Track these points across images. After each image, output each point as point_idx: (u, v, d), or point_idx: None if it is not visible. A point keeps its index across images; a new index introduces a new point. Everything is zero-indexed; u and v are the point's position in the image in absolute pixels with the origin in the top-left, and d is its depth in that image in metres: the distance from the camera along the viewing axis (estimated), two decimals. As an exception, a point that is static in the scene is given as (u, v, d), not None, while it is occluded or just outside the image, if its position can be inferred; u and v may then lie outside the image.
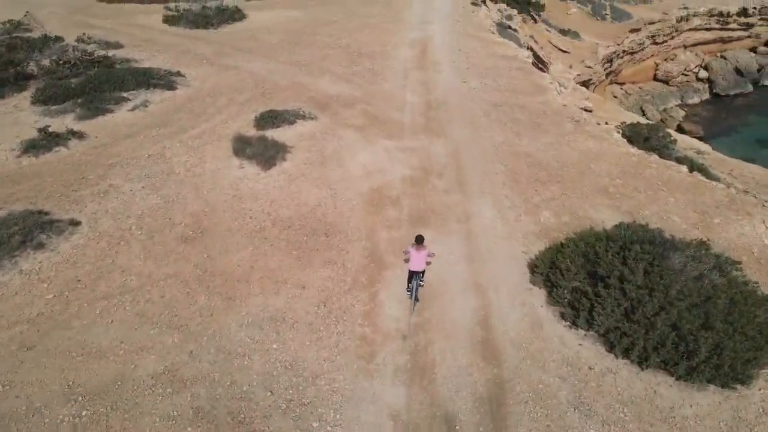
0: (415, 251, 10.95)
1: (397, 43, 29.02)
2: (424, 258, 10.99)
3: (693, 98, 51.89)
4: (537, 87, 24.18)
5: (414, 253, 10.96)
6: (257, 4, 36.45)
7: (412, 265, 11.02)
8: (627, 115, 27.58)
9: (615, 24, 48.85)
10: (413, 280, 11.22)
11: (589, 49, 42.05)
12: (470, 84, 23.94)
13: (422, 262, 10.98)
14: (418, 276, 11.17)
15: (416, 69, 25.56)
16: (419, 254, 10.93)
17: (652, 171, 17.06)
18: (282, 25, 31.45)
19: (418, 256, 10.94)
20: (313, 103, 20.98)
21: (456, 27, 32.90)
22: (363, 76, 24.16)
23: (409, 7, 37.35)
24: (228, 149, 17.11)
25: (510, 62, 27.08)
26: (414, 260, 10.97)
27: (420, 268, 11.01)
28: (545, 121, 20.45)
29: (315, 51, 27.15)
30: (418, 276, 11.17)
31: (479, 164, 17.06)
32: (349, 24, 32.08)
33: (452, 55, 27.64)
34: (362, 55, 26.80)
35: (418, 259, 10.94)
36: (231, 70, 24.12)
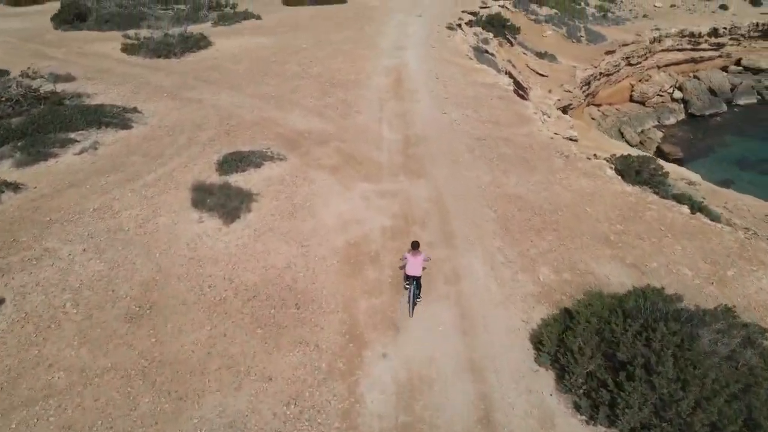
0: (412, 257, 11.55)
1: (372, 71, 27.59)
2: (420, 263, 11.57)
3: (669, 119, 51.69)
4: (521, 117, 22.89)
5: (411, 258, 11.54)
6: (224, 31, 34.78)
7: (410, 270, 11.55)
8: (613, 143, 26.58)
9: (590, 46, 48.43)
10: (411, 284, 11.69)
11: (567, 73, 41.31)
12: (451, 115, 22.53)
13: (419, 267, 11.55)
14: (415, 281, 11.64)
15: (392, 99, 24.09)
16: (416, 260, 11.51)
17: (652, 213, 15.70)
18: (250, 53, 29.78)
19: (414, 262, 11.50)
20: (282, 140, 19.26)
21: (432, 53, 31.67)
22: (336, 109, 22.56)
23: (383, 32, 36.10)
24: (186, 199, 15.23)
25: (490, 90, 25.83)
26: (411, 265, 11.52)
27: (417, 273, 11.55)
28: (533, 157, 19.06)
29: (284, 81, 25.50)
30: (415, 281, 11.64)
31: (466, 210, 15.49)
32: (320, 51, 30.58)
33: (430, 83, 26.29)
34: (335, 85, 25.25)
35: (415, 265, 11.51)
36: (193, 104, 22.28)
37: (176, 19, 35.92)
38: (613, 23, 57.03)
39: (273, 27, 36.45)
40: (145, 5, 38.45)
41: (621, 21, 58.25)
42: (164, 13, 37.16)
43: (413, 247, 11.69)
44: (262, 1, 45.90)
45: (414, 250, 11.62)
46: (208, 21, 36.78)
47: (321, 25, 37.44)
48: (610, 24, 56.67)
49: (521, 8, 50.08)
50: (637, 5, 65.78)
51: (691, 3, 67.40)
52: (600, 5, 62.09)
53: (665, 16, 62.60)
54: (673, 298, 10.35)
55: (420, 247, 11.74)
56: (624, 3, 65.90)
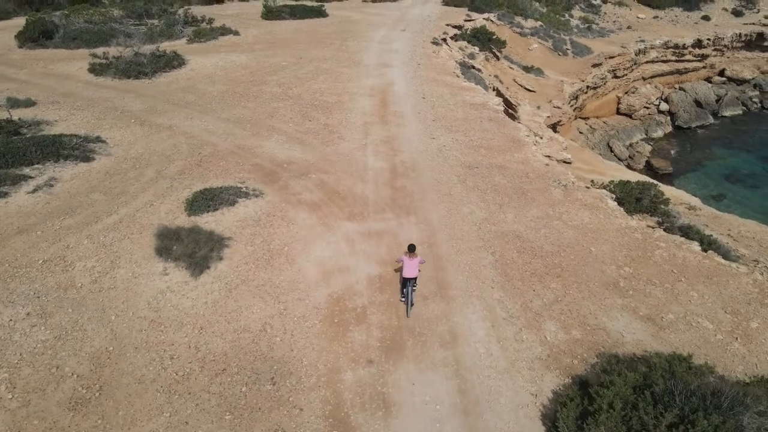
0: (408, 259, 11.92)
1: (355, 92, 26.22)
2: (416, 265, 11.97)
3: (657, 132, 51.08)
4: (513, 141, 21.66)
5: (407, 261, 11.90)
6: (200, 48, 33.20)
7: (406, 273, 11.90)
8: (607, 164, 25.53)
9: (577, 59, 47.69)
10: (407, 286, 12.00)
11: (555, 87, 40.38)
12: (440, 140, 21.22)
13: (415, 269, 11.93)
14: (412, 282, 12.03)
15: (378, 123, 22.72)
16: (412, 262, 11.91)
17: (662, 253, 14.46)
18: (226, 73, 28.24)
19: (410, 264, 11.89)
20: (259, 173, 17.76)
21: (418, 70, 30.44)
22: (317, 135, 21.12)
23: (366, 48, 34.82)
24: (150, 246, 13.63)
25: (480, 111, 24.59)
26: (407, 268, 11.88)
27: (413, 275, 11.93)
28: (530, 187, 17.78)
29: (262, 104, 24.01)
30: (412, 282, 12.03)
31: (461, 253, 14.10)
32: (300, 70, 29.15)
33: (416, 105, 24.99)
34: (316, 108, 23.82)
35: (411, 267, 11.88)
36: (163, 132, 20.67)
37: (149, 36, 34.27)
38: (598, 35, 56.48)
39: (251, 43, 34.97)
40: (116, 21, 36.73)
41: (605, 33, 57.72)
42: (137, 30, 35.47)
43: (410, 250, 12.14)
44: (241, 15, 44.47)
45: (410, 253, 12.05)
46: (183, 37, 35.17)
47: (302, 41, 36.06)
48: (595, 36, 56.09)
49: (506, 21, 49.25)
50: (620, 17, 65.49)
51: (673, 14, 67.35)
52: (584, 17, 61.61)
53: (649, 28, 62.31)
54: (704, 369, 9.03)
55: (416, 250, 12.26)
56: (607, 15, 65.58)
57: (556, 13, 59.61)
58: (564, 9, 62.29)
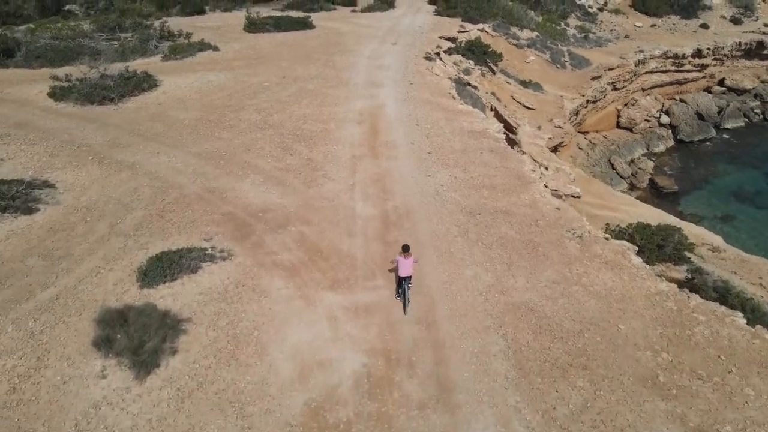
0: (403, 259, 12.34)
1: (343, 118, 23.87)
2: (411, 264, 12.35)
3: (659, 146, 49.10)
4: (518, 178, 19.40)
5: (402, 260, 12.33)
6: (175, 66, 30.70)
7: (401, 271, 12.33)
8: (618, 197, 23.40)
9: (576, 72, 45.59)
10: (403, 285, 12.39)
11: (555, 104, 38.23)
12: (436, 178, 18.93)
13: (410, 268, 12.31)
14: (407, 280, 12.35)
15: (367, 156, 20.40)
16: (407, 261, 12.31)
17: (703, 330, 12.21)
18: (201, 96, 25.78)
19: (406, 263, 12.29)
20: (229, 225, 15.37)
21: (411, 92, 28.13)
22: (299, 173, 18.75)
23: (355, 65, 32.47)
24: (88, 334, 11.21)
25: (480, 141, 22.33)
26: (402, 267, 12.29)
27: (408, 273, 12.30)
28: (541, 240, 15.51)
29: (239, 134, 21.59)
30: (407, 280, 12.35)
31: (466, 336, 11.78)
32: (283, 92, 26.76)
33: (410, 133, 22.68)
34: (298, 139, 21.45)
35: (406, 266, 12.28)
36: (124, 172, 18.22)
37: (120, 53, 31.76)
38: (596, 45, 54.46)
39: (231, 60, 32.50)
40: (86, 36, 34.11)
41: (603, 42, 55.73)
42: (108, 46, 32.93)
43: (404, 250, 12.58)
44: (222, 28, 41.97)
45: (405, 253, 12.47)
46: (158, 54, 32.66)
47: (286, 57, 33.65)
48: (592, 46, 54.07)
49: (501, 32, 47.10)
50: (617, 25, 63.59)
51: (671, 22, 65.55)
52: (581, 26, 59.66)
53: (647, 37, 60.46)
54: None
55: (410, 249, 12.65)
56: (604, 23, 63.66)
57: (551, 22, 57.59)
58: (560, 18, 60.30)
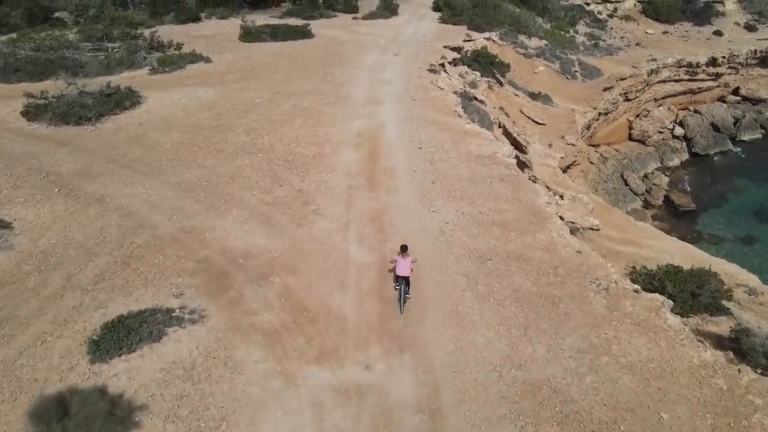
0: (401, 259, 12.57)
1: (339, 140, 21.92)
2: (408, 264, 12.54)
3: (673, 159, 46.99)
4: (533, 213, 17.39)
5: (400, 261, 12.57)
6: (163, 80, 28.83)
7: (399, 271, 12.53)
8: (640, 228, 21.35)
9: (587, 83, 43.55)
10: (400, 283, 12.60)
11: (566, 118, 36.18)
12: (441, 213, 16.95)
13: (407, 268, 12.51)
14: (404, 280, 12.55)
15: (364, 187, 18.44)
16: (405, 261, 12.51)
17: (762, 420, 10.16)
18: (187, 115, 23.85)
19: (403, 263, 12.50)
20: (205, 275, 13.43)
21: (413, 108, 26.17)
22: (288, 208, 16.80)
23: (354, 78, 30.52)
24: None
25: (489, 167, 20.34)
26: (400, 267, 12.51)
27: (406, 273, 12.50)
28: (562, 293, 13.49)
29: (225, 160, 19.66)
30: (404, 280, 12.55)
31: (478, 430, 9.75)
32: (276, 110, 24.82)
33: (412, 158, 20.72)
34: (289, 165, 19.50)
35: (404, 266, 12.49)
36: (92, 207, 16.30)
37: (106, 65, 29.94)
38: (606, 53, 52.39)
39: (223, 73, 30.60)
40: (71, 47, 32.25)
41: (614, 50, 53.67)
42: (93, 58, 31.07)
43: (402, 250, 12.70)
44: (217, 37, 40.13)
45: (403, 253, 12.62)
46: (145, 66, 30.79)
47: (281, 70, 31.73)
48: (602, 54, 52.01)
49: (509, 41, 45.12)
50: (628, 32, 61.54)
51: (683, 29, 63.43)
52: (590, 33, 57.62)
53: (659, 44, 58.38)
54: None
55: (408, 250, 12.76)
56: (614, 30, 61.61)
57: (560, 29, 55.58)
58: (569, 24, 58.26)
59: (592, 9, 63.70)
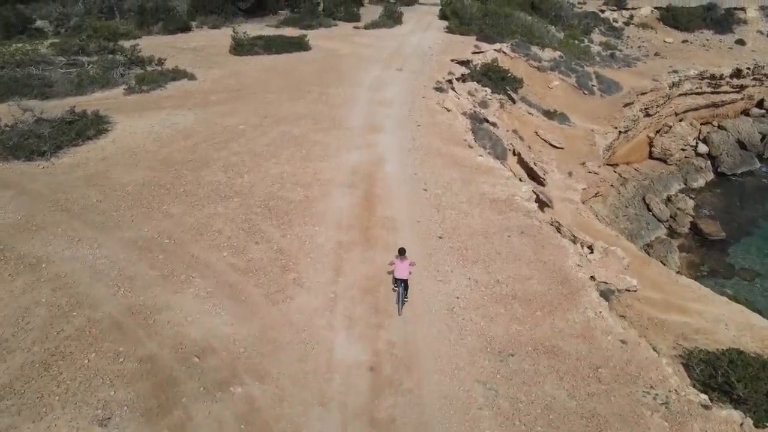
0: (400, 262, 12.36)
1: (330, 179, 18.86)
2: (407, 267, 12.37)
3: (697, 180, 43.71)
4: (562, 281, 14.25)
5: (398, 263, 12.39)
6: (137, 102, 25.85)
7: (398, 274, 12.38)
8: (683, 286, 18.10)
9: (605, 98, 40.33)
10: (399, 286, 12.51)
11: (585, 139, 33.02)
12: (450, 284, 13.85)
13: (406, 271, 12.35)
14: (403, 283, 12.42)
15: (357, 245, 15.38)
16: (403, 264, 12.34)
17: None
18: (159, 147, 20.82)
19: (402, 266, 12.33)
20: (146, 383, 10.35)
21: (418, 137, 23.08)
22: (263, 276, 13.74)
23: (352, 99, 27.47)
24: None
25: (506, 215, 17.23)
26: (399, 269, 12.35)
27: (404, 276, 12.36)
28: (608, 412, 10.34)
29: (193, 208, 16.61)
30: (403, 283, 12.42)
31: None
32: (261, 139, 21.77)
33: (415, 205, 17.64)
34: (270, 214, 16.45)
35: (402, 269, 12.33)
36: (22, 276, 13.26)
37: (77, 84, 26.96)
38: (624, 64, 49.17)
39: (207, 92, 27.61)
40: (41, 62, 29.28)
41: (631, 61, 50.42)
42: (64, 75, 28.10)
43: (400, 253, 12.53)
44: (206, 49, 37.17)
45: (401, 256, 12.46)
46: (121, 85, 27.81)
47: (273, 88, 28.72)
48: (620, 65, 48.79)
49: (521, 53, 41.98)
50: (645, 41, 58.30)
51: (704, 38, 60.18)
52: (606, 42, 54.41)
53: (679, 54, 55.12)
54: None
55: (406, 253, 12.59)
56: (631, 39, 58.37)
57: (574, 38, 52.42)
58: (583, 33, 55.10)
59: (607, 16, 60.56)
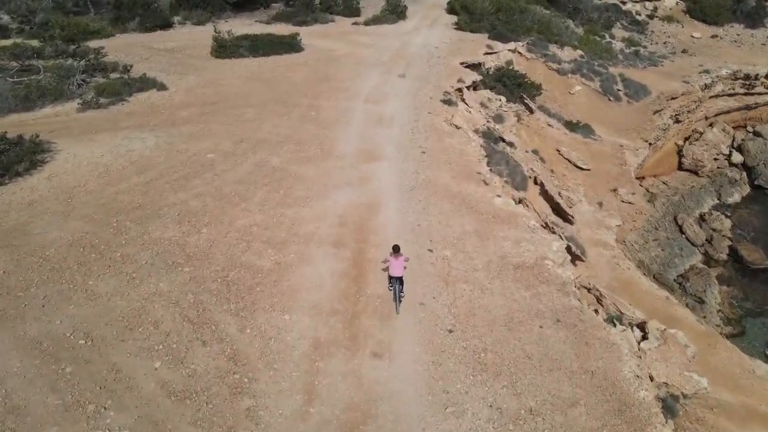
0: (394, 259, 12.00)
1: (311, 234, 14.93)
2: (402, 264, 12.02)
3: (732, 195, 39.41)
4: (620, 410, 10.43)
5: (393, 261, 11.99)
6: (93, 120, 21.85)
7: (392, 271, 12.07)
8: (763, 375, 14.24)
9: (632, 105, 36.00)
10: (394, 284, 12.21)
11: (614, 158, 28.84)
12: (464, 417, 10.06)
13: (401, 268, 12.01)
14: (398, 280, 12.08)
15: (338, 345, 11.55)
16: (398, 261, 11.97)
17: None
18: (103, 186, 16.85)
19: (396, 264, 11.98)
20: None
21: (422, 169, 19.08)
22: (204, 404, 9.88)
23: (345, 116, 23.40)
24: None
25: (535, 290, 13.25)
26: (393, 267, 12.01)
27: (399, 273, 12.02)
28: None
29: (128, 284, 12.69)
30: (398, 280, 12.08)
31: None
32: (231, 173, 17.83)
33: (417, 275, 13.68)
34: (228, 293, 12.54)
35: (397, 266, 11.98)
36: None
37: (23, 97, 22.94)
38: (649, 63, 44.71)
39: (177, 107, 23.60)
40: (-12, 70, 25.28)
41: (657, 60, 45.91)
42: (13, 85, 24.07)
43: (394, 250, 12.08)
44: (185, 50, 32.99)
45: (395, 253, 12.02)
46: (78, 97, 23.78)
47: (253, 100, 24.70)
48: (645, 64, 44.34)
49: (538, 53, 37.62)
50: (671, 36, 53.62)
51: (734, 32, 55.42)
52: (629, 38, 49.83)
53: (708, 51, 50.50)
54: None
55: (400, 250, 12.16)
56: (655, 34, 53.71)
57: (594, 33, 47.91)
58: (603, 27, 50.52)
59: (629, 8, 55.84)
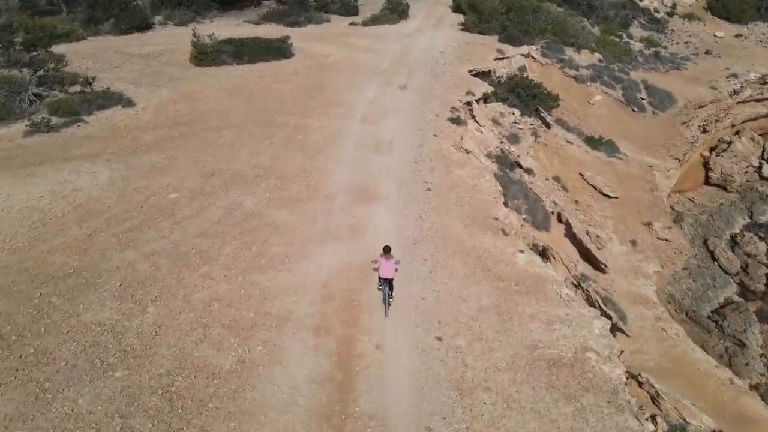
0: (385, 261, 11.61)
1: (284, 313, 11.75)
2: (392, 266, 11.65)
3: (765, 213, 36.01)
4: None
5: (383, 262, 11.61)
6: (39, 148, 18.51)
7: (383, 273, 11.69)
8: None
9: (658, 116, 32.56)
10: (384, 286, 11.84)
11: (644, 180, 25.45)
12: None
13: (391, 270, 11.64)
14: (388, 282, 11.72)
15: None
16: (388, 263, 11.60)
17: None
18: (32, 241, 13.52)
19: (387, 265, 11.60)
20: None
21: (427, 215, 15.79)
22: None
23: (335, 140, 20.08)
24: None
25: (579, 407, 10.13)
26: (384, 269, 11.64)
27: (390, 275, 11.64)
28: None
29: (34, 404, 9.41)
30: (388, 282, 11.72)
31: None
32: (195, 222, 14.52)
33: (420, 381, 10.41)
34: (170, 406, 9.37)
35: (388, 268, 11.62)
36: None
37: (-38, 120, 19.63)
38: (672, 66, 41.18)
39: (141, 130, 20.26)
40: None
41: (680, 62, 42.38)
42: (-47, 103, 20.79)
43: (385, 251, 11.71)
44: (162, 56, 29.60)
45: (386, 255, 11.66)
46: (27, 117, 20.43)
47: (232, 120, 21.36)
48: (667, 67, 40.83)
49: (553, 57, 34.13)
50: (692, 35, 49.98)
51: (759, 31, 51.76)
52: (648, 38, 46.25)
53: (733, 52, 46.90)
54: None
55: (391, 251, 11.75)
56: (676, 33, 50.08)
57: (611, 33, 44.37)
58: (620, 26, 46.93)
59: (646, 5, 52.19)
